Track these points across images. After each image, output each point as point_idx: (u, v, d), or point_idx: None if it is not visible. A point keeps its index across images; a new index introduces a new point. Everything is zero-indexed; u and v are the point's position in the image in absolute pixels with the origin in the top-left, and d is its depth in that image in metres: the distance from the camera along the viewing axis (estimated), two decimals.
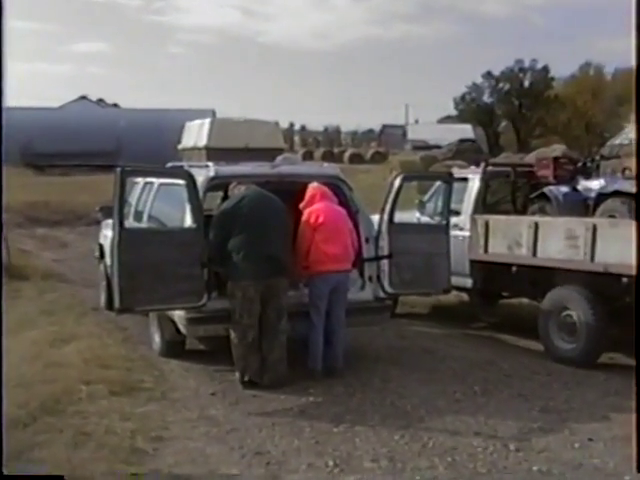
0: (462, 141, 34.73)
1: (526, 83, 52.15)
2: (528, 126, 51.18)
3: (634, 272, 5.05)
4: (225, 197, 7.47)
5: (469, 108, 56.12)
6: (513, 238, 6.94)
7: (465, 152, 32.04)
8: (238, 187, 5.75)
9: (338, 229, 5.78)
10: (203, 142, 6.93)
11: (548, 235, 6.58)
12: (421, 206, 8.40)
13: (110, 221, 6.05)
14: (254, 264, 5.37)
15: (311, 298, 5.71)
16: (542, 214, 7.93)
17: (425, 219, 7.94)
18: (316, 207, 5.77)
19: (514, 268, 7.13)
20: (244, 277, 5.40)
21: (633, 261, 4.90)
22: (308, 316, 5.68)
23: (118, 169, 5.14)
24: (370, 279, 6.16)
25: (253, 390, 5.43)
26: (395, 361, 6.36)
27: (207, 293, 5.41)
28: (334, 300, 5.73)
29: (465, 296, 8.59)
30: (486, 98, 55.03)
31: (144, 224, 6.56)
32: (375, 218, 6.35)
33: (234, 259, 5.42)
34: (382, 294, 6.17)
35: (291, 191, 6.15)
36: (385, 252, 6.14)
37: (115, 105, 41.94)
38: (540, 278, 6.87)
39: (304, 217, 5.75)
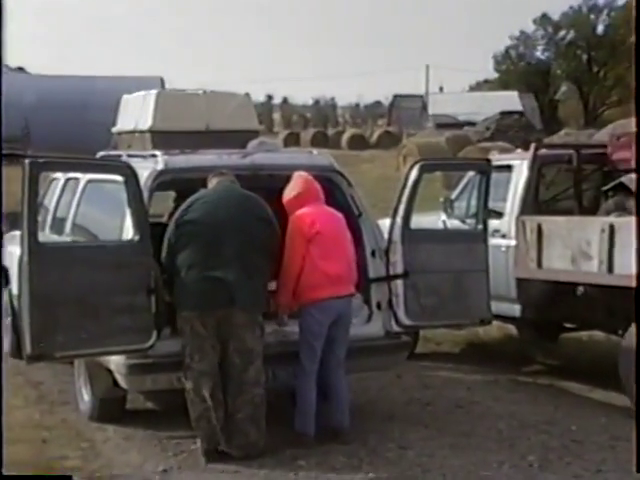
0: (505, 114, 34.97)
1: (599, 28, 51.81)
2: (601, 90, 50.97)
3: None
4: (178, 198, 7.51)
5: (515, 68, 56.12)
6: (579, 247, 6.99)
7: (509, 130, 32.28)
8: (211, 180, 5.82)
9: (339, 240, 5.84)
10: (147, 123, 6.97)
11: (630, 242, 6.56)
12: (448, 206, 8.47)
13: (17, 233, 6.08)
14: (197, 288, 5.43)
15: (304, 336, 5.74)
16: (620, 213, 7.95)
17: (454, 223, 8.02)
18: (308, 210, 5.80)
19: (581, 289, 7.17)
20: (186, 306, 5.47)
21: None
22: (294, 359, 5.72)
23: (27, 161, 5.17)
24: (379, 307, 6.22)
25: (221, 463, 5.45)
26: (416, 420, 6.41)
27: (156, 330, 5.46)
28: (334, 337, 5.77)
29: (512, 329, 8.66)
30: (540, 53, 54.94)
31: (66, 237, 6.59)
32: (385, 223, 6.42)
33: (178, 281, 5.50)
34: (396, 327, 6.21)
35: (269, 188, 6.20)
36: (399, 270, 6.19)
37: (20, 70, 41.91)
38: (620, 303, 6.89)
39: (293, 223, 5.77)
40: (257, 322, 5.57)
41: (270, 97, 79.61)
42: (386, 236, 6.27)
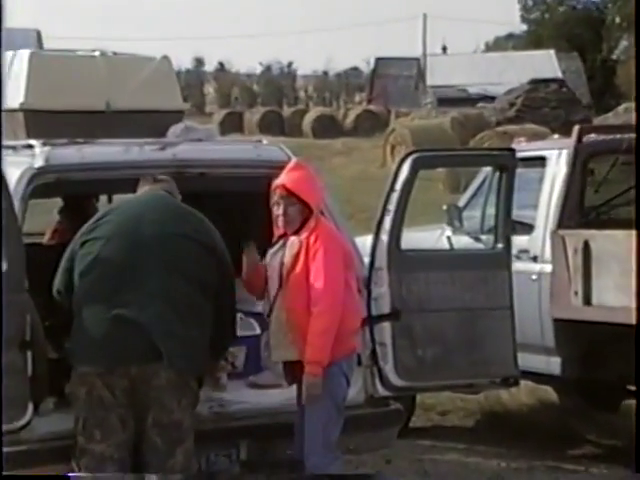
0: (537, 83, 35.25)
1: None
2: None
3: None
4: (67, 208, 7.48)
5: (552, 17, 56.44)
6: None
7: (543, 106, 32.59)
8: (140, 187, 5.83)
9: None
10: (18, 98, 6.94)
11: None
12: (455, 216, 8.53)
13: None
14: (101, 334, 5.38)
15: (334, 405, 5.81)
16: None
17: (463, 241, 8.08)
18: (332, 227, 5.98)
19: None
20: (82, 359, 5.43)
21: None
22: (238, 438, 5.85)
23: None
24: (358, 361, 6.22)
25: None
26: None
27: (32, 402, 5.41)
28: None
29: (550, 392, 8.70)
30: None
31: None
32: (366, 242, 6.47)
33: (74, 325, 5.48)
34: (382, 390, 6.26)
35: (198, 194, 6.25)
36: (385, 308, 6.24)
37: None
38: None
39: (331, 241, 5.82)
40: (188, 386, 5.52)
41: (200, 62, 79.80)
42: (367, 260, 6.30)
